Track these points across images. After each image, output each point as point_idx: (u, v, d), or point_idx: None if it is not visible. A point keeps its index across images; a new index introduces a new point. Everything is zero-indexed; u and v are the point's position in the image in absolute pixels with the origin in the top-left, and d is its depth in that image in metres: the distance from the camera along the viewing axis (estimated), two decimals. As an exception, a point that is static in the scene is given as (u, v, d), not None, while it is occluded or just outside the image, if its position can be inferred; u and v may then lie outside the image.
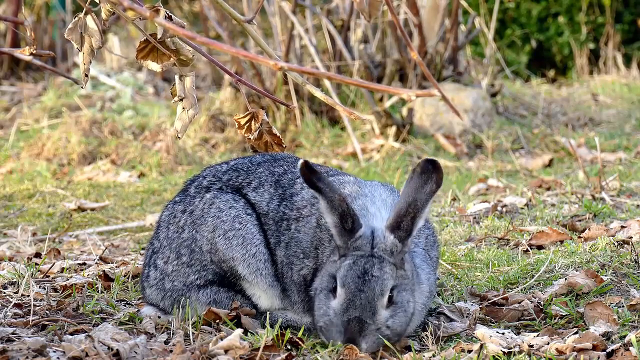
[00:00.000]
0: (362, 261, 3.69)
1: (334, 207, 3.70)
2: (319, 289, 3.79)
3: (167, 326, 4.03)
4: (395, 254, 3.72)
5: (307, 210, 4.00)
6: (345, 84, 7.98)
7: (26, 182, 8.24)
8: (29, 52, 3.71)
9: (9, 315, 4.16)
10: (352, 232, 3.72)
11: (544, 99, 10.85)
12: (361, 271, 3.68)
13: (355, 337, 3.63)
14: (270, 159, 4.23)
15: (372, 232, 3.74)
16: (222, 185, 4.14)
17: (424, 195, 3.70)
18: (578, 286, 4.35)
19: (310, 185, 3.70)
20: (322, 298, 3.74)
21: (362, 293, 3.65)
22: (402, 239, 3.72)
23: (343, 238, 3.73)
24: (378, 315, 3.66)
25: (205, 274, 4.05)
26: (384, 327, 3.67)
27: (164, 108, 10.57)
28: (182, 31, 2.73)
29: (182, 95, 4.07)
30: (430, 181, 3.72)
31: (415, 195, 3.70)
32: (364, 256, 3.70)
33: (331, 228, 3.75)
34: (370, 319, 3.64)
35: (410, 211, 3.71)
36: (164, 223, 4.18)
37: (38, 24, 12.81)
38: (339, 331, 3.66)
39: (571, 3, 14.00)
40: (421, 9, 9.80)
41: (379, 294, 3.66)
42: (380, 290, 3.66)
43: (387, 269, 3.69)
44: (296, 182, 4.10)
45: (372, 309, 3.65)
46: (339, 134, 9.66)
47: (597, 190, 6.37)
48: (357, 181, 4.09)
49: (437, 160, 3.72)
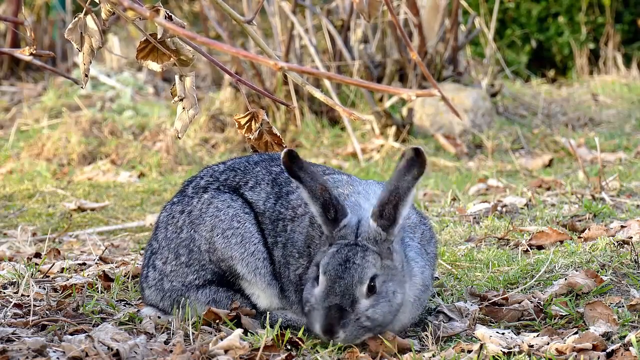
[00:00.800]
0: (346, 249, 3.69)
1: (315, 196, 3.72)
2: (307, 278, 3.81)
3: (167, 326, 4.03)
4: (380, 243, 3.71)
5: (301, 209, 4.01)
6: (345, 84, 8.00)
7: (26, 182, 8.24)
8: (29, 52, 3.71)
9: (9, 315, 4.16)
10: (336, 222, 3.74)
11: (544, 99, 10.85)
12: (343, 259, 3.68)
13: (334, 324, 3.62)
14: (268, 158, 4.24)
15: (359, 221, 3.74)
16: (219, 185, 4.15)
17: (406, 183, 3.69)
18: (578, 286, 4.34)
19: (290, 174, 3.72)
20: (308, 287, 3.76)
21: (341, 280, 3.65)
22: (386, 228, 3.72)
23: (328, 227, 3.75)
24: (358, 304, 3.65)
25: (204, 274, 4.05)
26: (364, 316, 3.65)
27: (164, 108, 10.57)
28: (182, 31, 2.74)
29: (182, 95, 4.07)
30: (413, 168, 3.70)
31: (397, 183, 3.70)
32: (347, 245, 3.71)
33: (316, 217, 3.77)
34: (350, 307, 3.63)
35: (392, 199, 3.70)
36: (162, 224, 4.18)
37: (38, 24, 12.81)
38: (319, 318, 3.65)
39: (571, 3, 14.00)
40: (421, 9, 9.79)
41: (358, 282, 3.65)
42: (359, 277, 3.65)
43: (369, 258, 3.68)
44: (292, 181, 4.10)
45: (350, 297, 3.64)
46: (339, 134, 9.66)
47: (597, 190, 6.37)
48: (351, 180, 4.10)
49: (420, 148, 3.71)
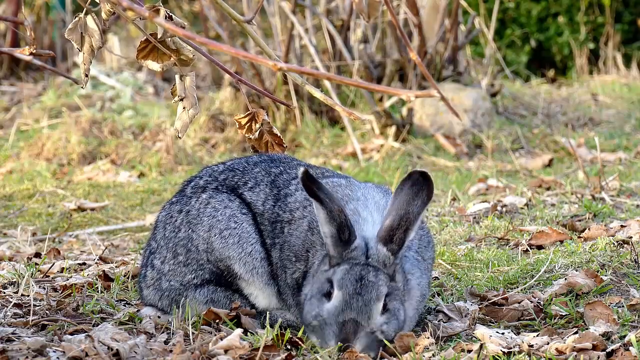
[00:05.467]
0: (358, 268, 3.70)
1: (333, 218, 3.69)
2: (309, 295, 3.78)
3: (167, 326, 4.03)
4: (388, 266, 3.73)
5: (299, 212, 4.00)
6: (344, 84, 7.99)
7: (26, 182, 8.24)
8: (28, 52, 3.71)
9: (8, 315, 4.16)
10: (348, 244, 3.73)
11: (544, 99, 10.85)
12: (358, 276, 3.68)
13: (350, 338, 3.63)
14: (268, 159, 4.24)
15: (366, 243, 3.75)
16: (218, 185, 4.15)
17: (415, 208, 3.71)
18: (578, 286, 4.35)
19: (311, 195, 3.69)
20: (314, 302, 3.73)
21: (359, 296, 3.65)
22: (395, 252, 3.73)
23: (338, 249, 3.73)
24: (373, 320, 3.66)
25: (202, 273, 4.06)
26: (379, 331, 3.67)
27: (164, 108, 10.57)
28: (181, 31, 2.74)
29: (183, 94, 4.07)
30: (422, 193, 3.72)
31: (407, 207, 3.71)
32: (359, 264, 3.71)
33: (326, 238, 3.74)
34: (366, 322, 3.65)
35: (402, 224, 3.71)
36: (160, 224, 4.19)
37: (38, 24, 12.81)
38: (333, 332, 3.65)
39: (571, 3, 14.00)
40: (421, 9, 9.79)
41: (375, 299, 3.66)
42: (377, 295, 3.67)
43: (381, 277, 3.70)
44: (291, 183, 4.10)
45: (368, 313, 3.65)
46: (339, 134, 9.66)
47: (597, 190, 6.37)
48: (350, 183, 4.08)
49: (427, 172, 3.72)
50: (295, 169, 4.16)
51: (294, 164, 4.23)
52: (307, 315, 3.75)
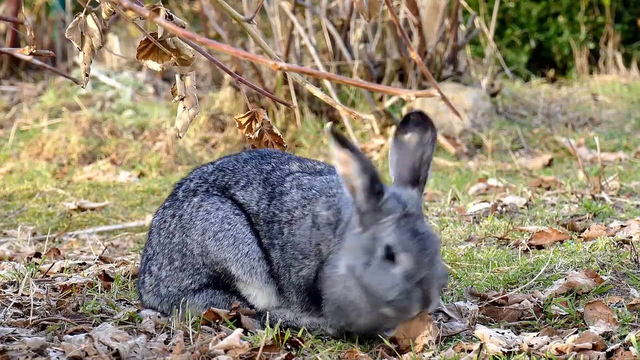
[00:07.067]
0: (403, 222, 3.66)
1: (366, 168, 3.65)
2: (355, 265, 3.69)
3: (167, 326, 4.03)
4: (421, 207, 3.73)
5: (299, 212, 3.94)
6: (344, 84, 7.99)
7: (26, 182, 8.24)
8: (28, 51, 3.71)
9: (8, 315, 4.16)
10: (380, 194, 3.68)
11: (544, 98, 10.85)
12: (412, 231, 3.64)
13: (430, 297, 3.61)
14: (257, 155, 4.16)
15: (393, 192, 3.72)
16: (208, 186, 4.10)
17: (428, 146, 3.74)
18: (578, 286, 4.35)
19: (343, 146, 3.63)
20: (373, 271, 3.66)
21: (425, 251, 3.61)
22: (422, 190, 3.76)
23: (371, 201, 3.67)
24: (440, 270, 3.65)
25: (199, 278, 4.03)
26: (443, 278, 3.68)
27: (164, 108, 10.57)
28: (181, 31, 2.74)
29: (183, 94, 4.07)
30: (428, 130, 3.75)
31: (419, 147, 3.73)
32: (401, 217, 3.66)
33: (358, 193, 3.66)
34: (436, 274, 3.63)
35: (424, 161, 3.74)
36: (155, 229, 4.15)
37: (38, 24, 12.82)
38: (417, 296, 3.61)
39: (571, 3, 14.01)
40: (421, 9, 9.79)
41: (438, 248, 3.67)
42: (437, 245, 3.66)
43: (426, 223, 3.71)
44: (285, 180, 4.03)
45: (436, 264, 3.63)
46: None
47: (597, 190, 6.37)
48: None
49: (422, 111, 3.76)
50: (287, 164, 4.11)
51: (284, 158, 4.15)
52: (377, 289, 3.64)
